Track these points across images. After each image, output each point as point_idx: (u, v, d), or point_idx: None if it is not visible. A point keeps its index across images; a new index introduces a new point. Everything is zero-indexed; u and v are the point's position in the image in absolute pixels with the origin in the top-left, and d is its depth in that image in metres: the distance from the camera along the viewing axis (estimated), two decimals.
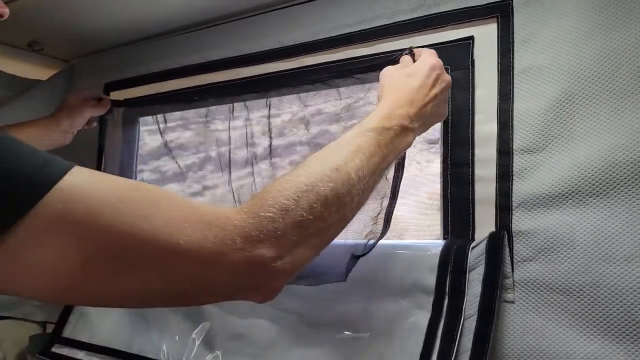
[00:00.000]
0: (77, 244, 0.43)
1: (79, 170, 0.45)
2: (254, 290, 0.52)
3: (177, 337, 1.04)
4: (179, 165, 1.22)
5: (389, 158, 0.65)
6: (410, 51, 0.80)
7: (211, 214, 0.49)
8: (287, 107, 1.08)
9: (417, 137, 0.72)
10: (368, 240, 0.82)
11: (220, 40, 1.14)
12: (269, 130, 1.09)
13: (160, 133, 1.25)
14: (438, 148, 0.87)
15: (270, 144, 1.08)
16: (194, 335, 1.02)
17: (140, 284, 0.47)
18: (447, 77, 0.75)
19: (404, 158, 0.80)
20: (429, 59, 0.75)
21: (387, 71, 0.76)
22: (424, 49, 0.80)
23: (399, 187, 0.82)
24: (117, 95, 1.29)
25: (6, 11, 0.65)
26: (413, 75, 0.73)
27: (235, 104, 1.13)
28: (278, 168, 1.06)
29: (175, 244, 0.45)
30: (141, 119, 1.30)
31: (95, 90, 1.28)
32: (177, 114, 1.23)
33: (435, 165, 0.88)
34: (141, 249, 0.45)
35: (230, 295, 0.53)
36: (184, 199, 0.51)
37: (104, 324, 1.16)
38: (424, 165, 0.91)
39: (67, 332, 1.19)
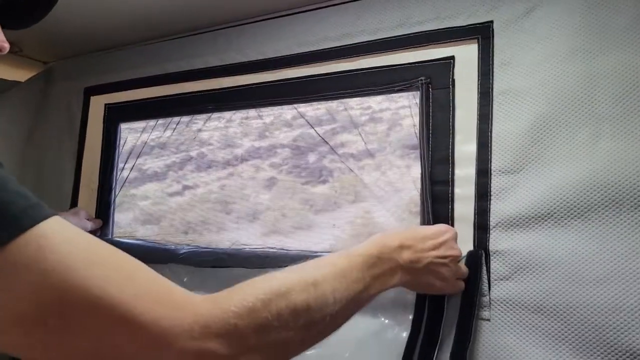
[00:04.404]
0: (38, 294, 0.42)
1: (60, 222, 0.45)
2: None
3: None
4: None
5: (372, 289, 0.64)
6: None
7: (180, 296, 0.48)
8: (269, 110, 1.09)
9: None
10: None
11: (204, 49, 1.14)
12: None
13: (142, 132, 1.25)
14: (418, 154, 0.88)
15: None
16: None
17: (89, 347, 0.44)
18: (457, 249, 0.75)
19: None
20: (446, 226, 0.77)
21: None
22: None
23: None
24: (97, 99, 1.28)
25: (6, 46, 0.63)
26: (424, 230, 0.75)
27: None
28: (259, 170, 1.07)
29: (136, 317, 0.44)
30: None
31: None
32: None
33: (415, 171, 0.89)
34: (105, 314, 0.44)
35: None
36: (157, 275, 0.49)
37: None
38: (404, 171, 0.92)
39: None
